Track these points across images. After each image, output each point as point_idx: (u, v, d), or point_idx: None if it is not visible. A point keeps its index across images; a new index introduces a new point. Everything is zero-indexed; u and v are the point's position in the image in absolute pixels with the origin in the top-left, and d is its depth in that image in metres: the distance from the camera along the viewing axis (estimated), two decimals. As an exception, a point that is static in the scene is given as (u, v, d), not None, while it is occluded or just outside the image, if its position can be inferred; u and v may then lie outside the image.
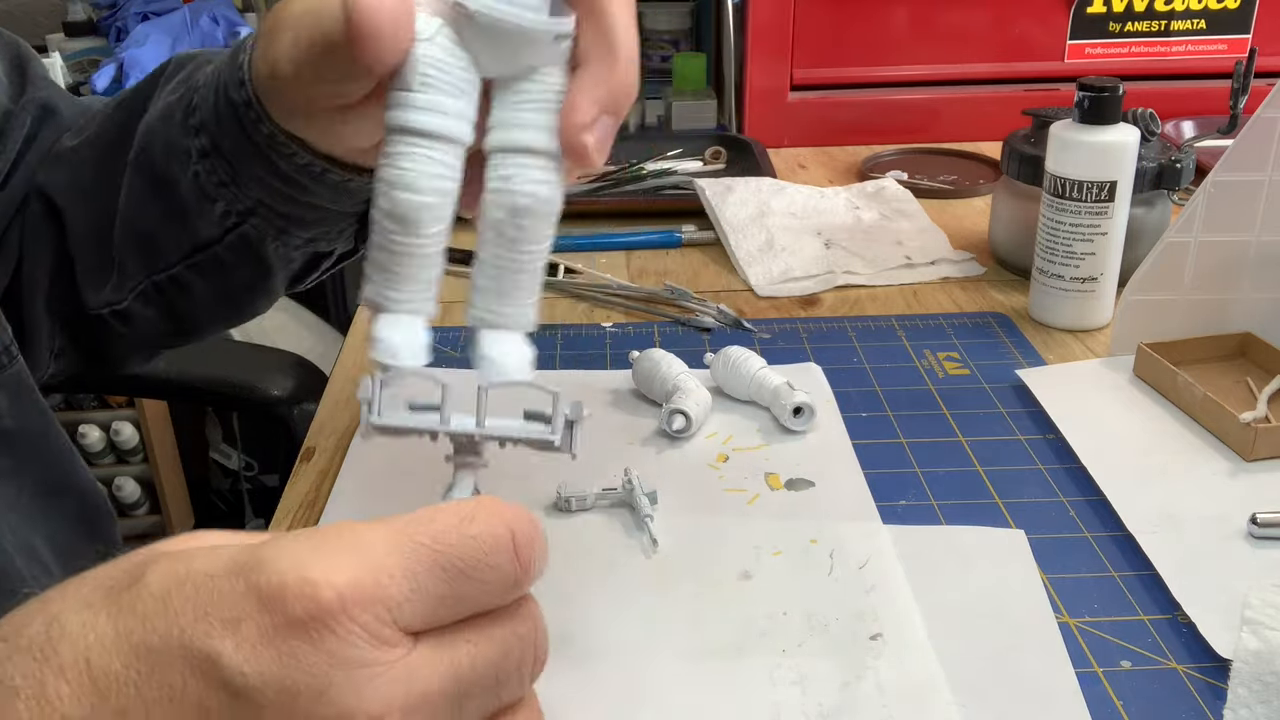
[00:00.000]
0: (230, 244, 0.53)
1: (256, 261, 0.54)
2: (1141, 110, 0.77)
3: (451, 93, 0.37)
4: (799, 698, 0.45)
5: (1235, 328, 0.70)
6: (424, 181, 0.37)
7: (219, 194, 0.51)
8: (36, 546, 0.51)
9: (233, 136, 0.49)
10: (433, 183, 0.37)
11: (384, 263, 0.38)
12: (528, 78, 0.38)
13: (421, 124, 0.37)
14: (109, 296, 0.57)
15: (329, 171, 0.49)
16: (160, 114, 0.53)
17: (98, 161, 0.56)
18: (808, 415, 0.64)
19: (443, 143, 0.37)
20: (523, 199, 0.38)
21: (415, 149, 0.37)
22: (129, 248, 0.55)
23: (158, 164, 0.52)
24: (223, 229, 0.53)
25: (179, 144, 0.51)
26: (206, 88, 0.50)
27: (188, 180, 0.51)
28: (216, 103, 0.49)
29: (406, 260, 0.38)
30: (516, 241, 0.38)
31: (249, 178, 0.50)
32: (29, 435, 0.52)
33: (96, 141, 0.56)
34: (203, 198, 0.52)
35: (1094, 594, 0.51)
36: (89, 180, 0.56)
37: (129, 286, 0.56)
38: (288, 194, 0.51)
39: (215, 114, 0.49)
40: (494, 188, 0.38)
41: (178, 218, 0.53)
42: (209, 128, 0.50)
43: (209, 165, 0.51)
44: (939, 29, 1.23)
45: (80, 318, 0.58)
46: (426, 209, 0.37)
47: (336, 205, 0.52)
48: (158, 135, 0.52)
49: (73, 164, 0.57)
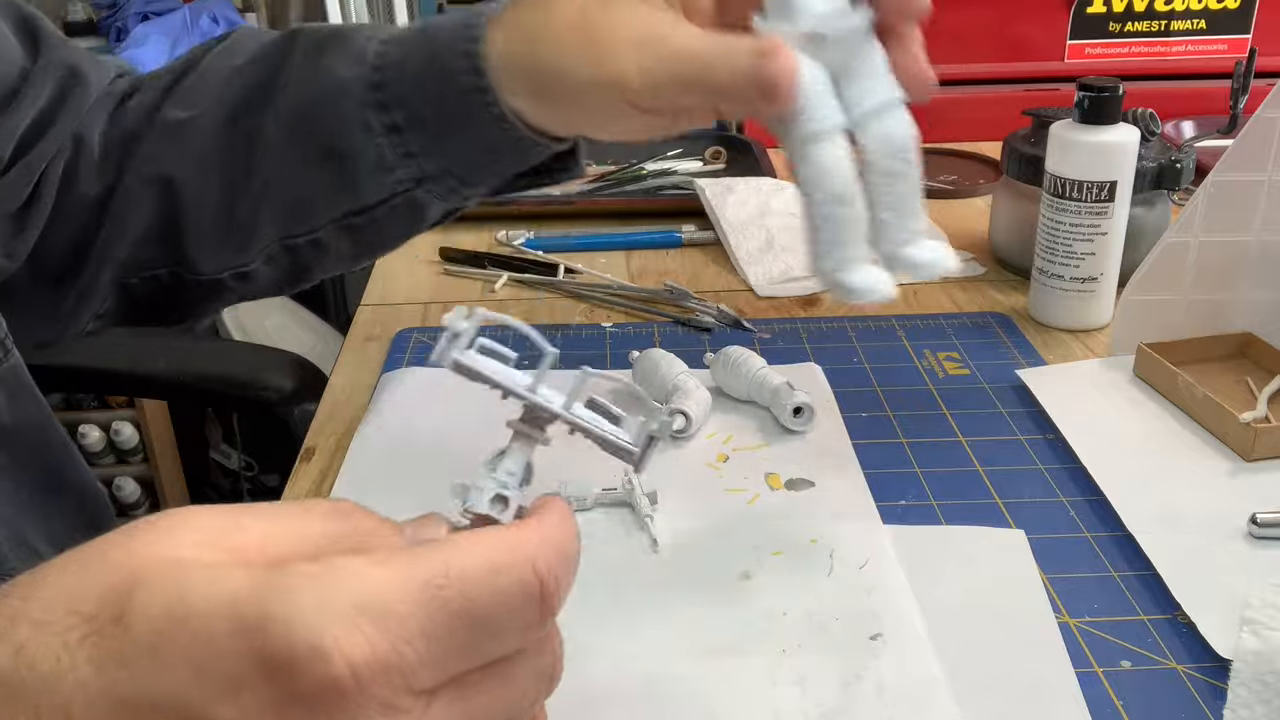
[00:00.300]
0: (393, 206, 0.57)
1: (413, 219, 0.58)
2: (1141, 110, 0.77)
3: (829, 96, 0.49)
4: (799, 698, 0.45)
5: (1235, 328, 0.70)
6: (844, 165, 0.49)
7: (400, 163, 0.55)
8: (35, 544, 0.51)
9: (440, 116, 0.53)
10: (846, 164, 0.49)
11: (834, 236, 0.49)
12: (856, 56, 0.50)
13: (826, 127, 0.49)
14: (232, 260, 0.59)
15: (539, 143, 0.54)
16: (328, 89, 0.56)
17: (223, 133, 0.58)
18: (808, 415, 0.64)
19: (840, 133, 0.49)
20: (899, 138, 0.49)
21: (829, 145, 0.49)
22: (270, 212, 0.58)
23: (327, 136, 0.56)
24: (390, 193, 0.56)
25: (356, 117, 0.55)
26: (400, 68, 0.54)
27: (367, 152, 0.55)
28: (421, 86, 0.53)
29: (851, 225, 0.49)
30: (905, 174, 0.50)
31: (443, 151, 0.55)
32: (27, 431, 0.52)
33: (218, 113, 0.58)
34: (380, 168, 0.55)
35: (1094, 594, 0.51)
36: (212, 151, 0.58)
37: (258, 249, 0.59)
38: (484, 163, 0.56)
39: (417, 95, 0.54)
40: (876, 143, 0.49)
41: (343, 185, 0.56)
42: (405, 106, 0.54)
43: (396, 139, 0.54)
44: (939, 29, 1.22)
45: (166, 283, 0.61)
46: (852, 182, 0.49)
47: (513, 168, 0.57)
48: (327, 108, 0.55)
49: (191, 136, 0.58)
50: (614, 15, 0.49)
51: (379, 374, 0.72)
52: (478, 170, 0.56)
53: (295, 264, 0.60)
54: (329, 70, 0.56)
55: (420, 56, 0.54)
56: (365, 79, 0.55)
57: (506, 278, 0.87)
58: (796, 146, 0.49)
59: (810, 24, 0.49)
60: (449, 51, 0.52)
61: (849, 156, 0.49)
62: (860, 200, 0.49)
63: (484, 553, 0.28)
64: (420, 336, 0.76)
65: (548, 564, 0.29)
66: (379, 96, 0.54)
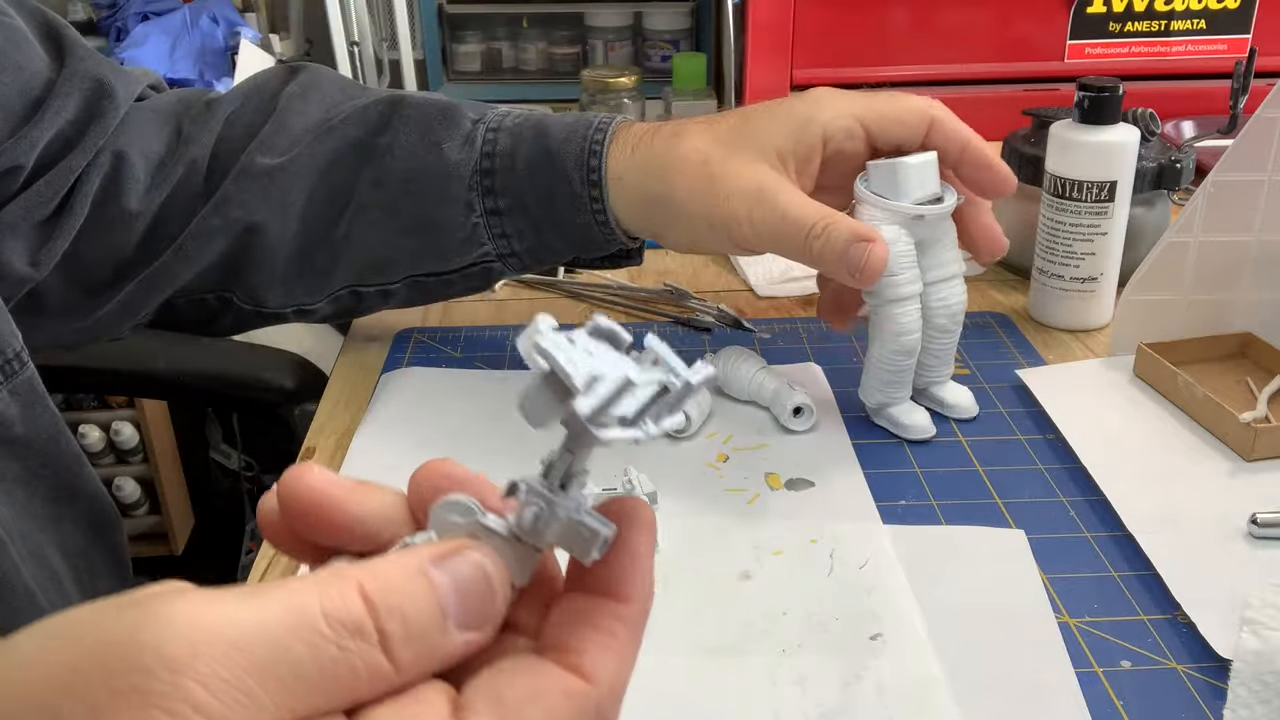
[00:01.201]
0: (470, 272, 0.62)
1: (483, 283, 0.64)
2: (1141, 110, 0.77)
3: (914, 266, 0.60)
4: (799, 698, 0.45)
5: (1235, 328, 0.70)
6: (917, 326, 0.61)
7: (493, 241, 0.60)
8: (47, 553, 0.51)
9: (552, 211, 0.60)
10: (919, 325, 0.61)
11: (891, 380, 0.62)
12: (938, 230, 0.61)
13: (910, 293, 0.60)
14: (301, 299, 0.64)
15: (625, 242, 0.62)
16: (432, 167, 0.60)
17: (312, 186, 0.62)
18: (808, 415, 0.64)
19: (916, 300, 0.60)
20: (956, 305, 0.63)
21: (910, 307, 0.60)
22: (351, 265, 0.62)
23: (426, 208, 0.61)
24: (472, 263, 0.61)
25: (461, 198, 0.60)
26: (508, 158, 0.60)
27: (463, 228, 0.60)
28: (536, 179, 0.59)
29: (906, 374, 0.63)
30: (953, 332, 0.63)
31: (542, 237, 0.61)
32: (40, 442, 0.52)
33: (313, 167, 0.62)
34: (470, 243, 0.60)
35: (1094, 594, 0.51)
36: (299, 201, 0.61)
37: (327, 292, 0.63)
38: (568, 250, 0.62)
39: (531, 187, 0.59)
40: (938, 305, 0.62)
41: (431, 252, 0.61)
42: (511, 193, 0.60)
43: (494, 220, 0.60)
44: (939, 29, 1.23)
45: (221, 309, 0.64)
46: (919, 341, 0.61)
47: (592, 254, 0.64)
48: (431, 184, 0.60)
49: (281, 186, 0.61)
50: (735, 164, 0.56)
51: (379, 374, 0.72)
52: (560, 255, 0.63)
53: (358, 307, 0.65)
54: (436, 149, 0.60)
55: (534, 153, 0.59)
56: (475, 165, 0.60)
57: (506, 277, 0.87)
58: (881, 304, 0.60)
59: (914, 206, 0.59)
60: (569, 158, 0.58)
61: (920, 318, 0.61)
62: (917, 353, 0.62)
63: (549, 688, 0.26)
64: (420, 336, 0.76)
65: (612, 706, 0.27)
66: (486, 183, 0.60)
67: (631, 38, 1.58)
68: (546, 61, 1.65)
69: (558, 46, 1.64)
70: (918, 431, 0.63)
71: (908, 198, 0.59)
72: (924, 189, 0.60)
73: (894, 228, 0.59)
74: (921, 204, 0.60)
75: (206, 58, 1.55)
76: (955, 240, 0.62)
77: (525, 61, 1.65)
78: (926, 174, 0.60)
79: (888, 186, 0.59)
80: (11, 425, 0.50)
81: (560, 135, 0.60)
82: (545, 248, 0.62)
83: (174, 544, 1.67)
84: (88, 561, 0.54)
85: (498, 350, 0.73)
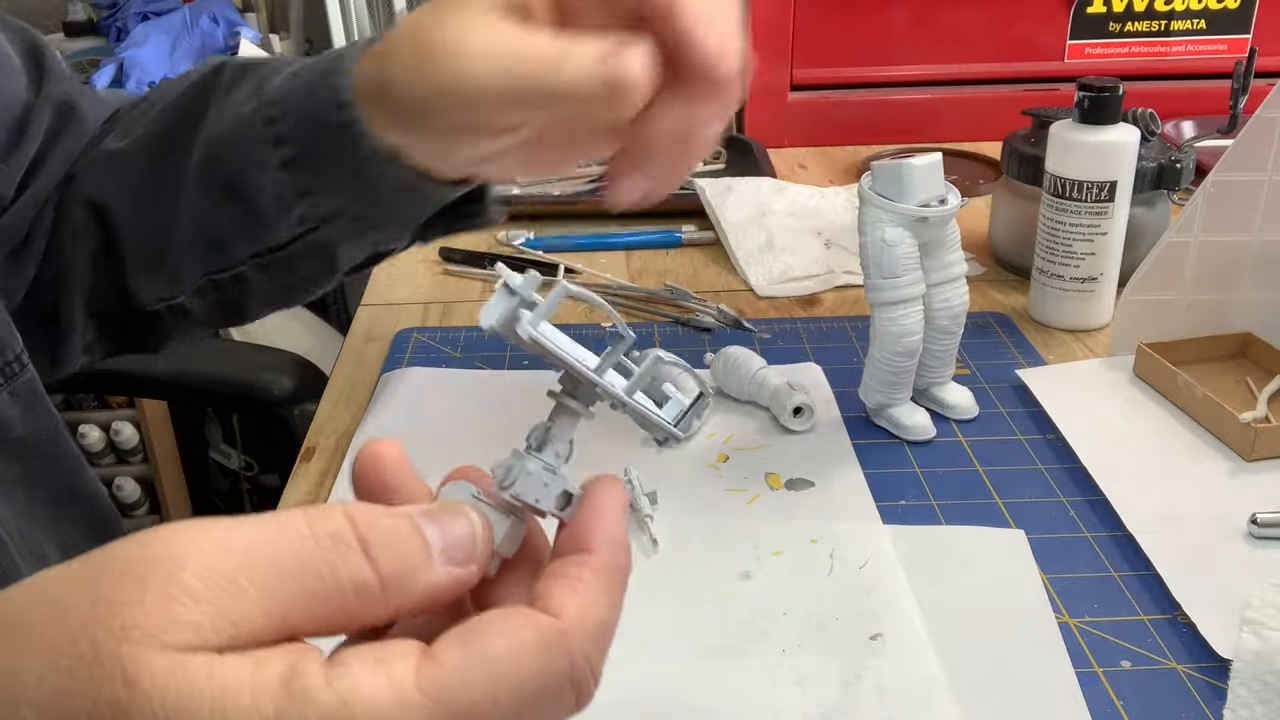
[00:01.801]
0: (301, 246, 0.55)
1: (325, 261, 0.56)
2: (1141, 110, 0.77)
3: (918, 267, 0.60)
4: (799, 698, 0.45)
5: (1235, 328, 0.70)
6: (917, 327, 0.61)
7: (298, 202, 0.52)
8: (46, 552, 0.51)
9: (324, 151, 0.50)
10: (921, 327, 0.61)
11: (892, 380, 0.63)
12: (942, 232, 0.61)
13: (914, 294, 0.60)
14: (164, 292, 0.58)
15: (420, 185, 0.50)
16: (231, 124, 0.54)
17: (150, 165, 0.57)
18: (808, 415, 0.64)
19: (919, 302, 0.61)
20: (958, 307, 0.63)
21: (913, 308, 0.61)
22: (191, 248, 0.56)
23: (230, 172, 0.54)
24: (295, 233, 0.54)
25: (255, 154, 0.52)
26: (288, 101, 0.51)
27: (266, 189, 0.53)
28: (305, 119, 0.50)
29: (907, 374, 0.63)
30: (954, 333, 0.64)
31: (335, 188, 0.52)
32: (40, 443, 0.52)
33: (146, 145, 0.57)
34: (280, 206, 0.53)
35: (1094, 594, 0.51)
36: (141, 183, 0.57)
37: (187, 283, 0.57)
38: (371, 203, 0.52)
39: (303, 128, 0.50)
40: (940, 305, 0.63)
41: (250, 223, 0.54)
42: (294, 140, 0.51)
43: (291, 175, 0.52)
44: (939, 29, 1.23)
45: (123, 312, 0.59)
46: (920, 342, 0.61)
47: (414, 212, 0.54)
48: (230, 145, 0.53)
49: (122, 167, 0.57)
50: (446, 22, 0.43)
51: (379, 374, 0.72)
52: (375, 210, 0.53)
53: (224, 300, 0.58)
54: (234, 105, 0.54)
55: (302, 90, 0.51)
56: (262, 114, 0.52)
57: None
58: (885, 305, 0.61)
59: (918, 208, 0.59)
60: (322, 85, 0.50)
61: (922, 320, 0.61)
62: (918, 355, 0.62)
63: (520, 676, 0.26)
64: (420, 336, 0.76)
65: (585, 656, 0.28)
66: (273, 131, 0.52)
67: (631, 38, 1.58)
68: (546, 61, 1.65)
69: (558, 46, 1.64)
70: (918, 432, 0.63)
71: (912, 199, 0.59)
72: (928, 190, 0.60)
73: (898, 229, 0.59)
74: (925, 205, 0.60)
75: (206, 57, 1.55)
76: (959, 242, 0.62)
77: (525, 61, 1.65)
78: (931, 175, 0.60)
79: (892, 187, 0.59)
80: (12, 427, 0.50)
81: (321, 65, 0.51)
82: (356, 204, 0.52)
83: (174, 544, 1.67)
84: None
85: (498, 350, 0.73)
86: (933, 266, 0.62)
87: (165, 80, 0.60)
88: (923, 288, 0.61)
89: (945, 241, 0.62)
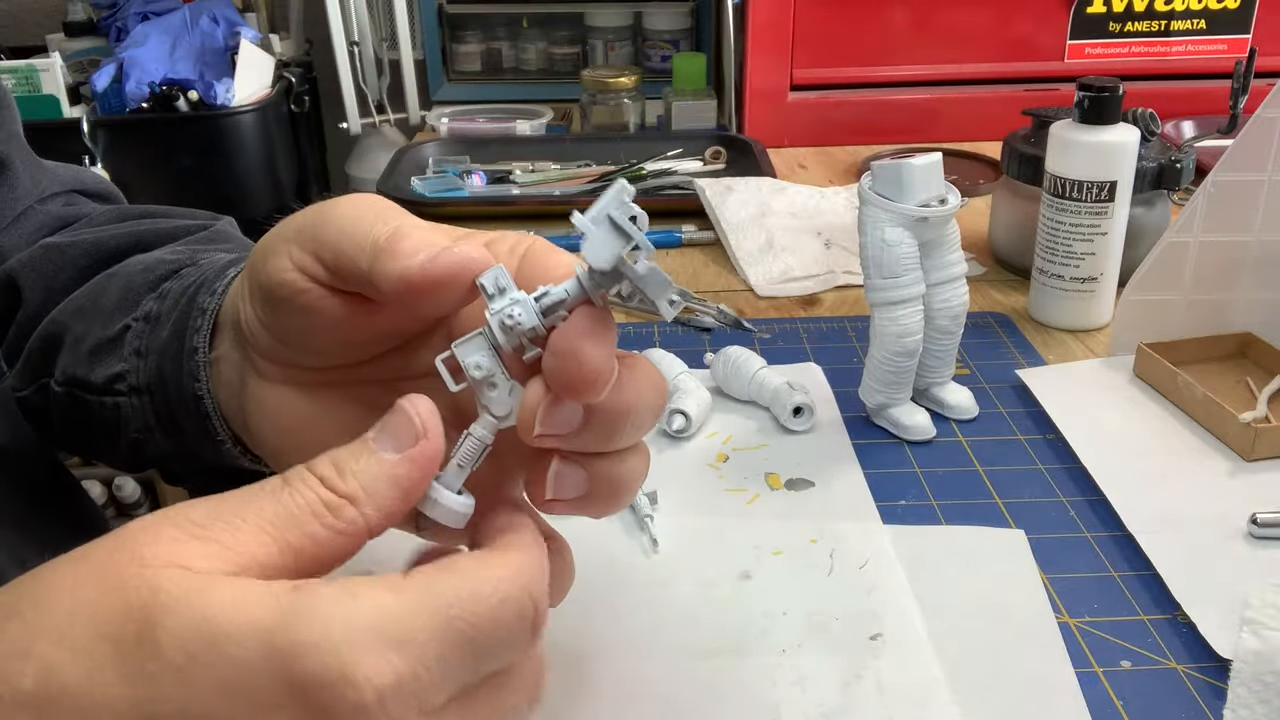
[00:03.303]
0: (105, 404, 0.50)
1: (111, 437, 0.50)
2: (1141, 110, 0.77)
3: (918, 268, 0.60)
4: (799, 698, 0.45)
5: (1235, 328, 0.70)
6: (917, 327, 0.61)
7: (129, 357, 0.49)
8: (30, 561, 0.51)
9: (170, 393, 0.47)
10: (921, 327, 0.61)
11: (892, 380, 0.62)
12: (942, 232, 0.61)
13: (914, 294, 0.60)
14: (13, 381, 0.54)
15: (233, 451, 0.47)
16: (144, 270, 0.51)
17: (82, 270, 0.54)
18: (808, 415, 0.64)
19: (919, 302, 0.61)
20: (958, 307, 0.63)
21: (912, 308, 0.61)
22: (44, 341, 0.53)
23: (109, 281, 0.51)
24: (106, 382, 0.49)
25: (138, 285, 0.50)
26: (172, 306, 0.47)
27: (117, 319, 0.50)
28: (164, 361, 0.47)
29: (907, 374, 0.63)
30: (954, 333, 0.64)
31: (161, 375, 0.47)
32: (21, 450, 0.52)
33: (90, 252, 0.55)
34: (114, 346, 0.49)
35: (1094, 594, 0.51)
36: (65, 281, 0.54)
37: (30, 375, 0.53)
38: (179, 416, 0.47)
39: (159, 372, 0.47)
40: (941, 305, 0.62)
41: (87, 339, 0.50)
42: (166, 306, 0.48)
43: (142, 329, 0.48)
44: (939, 29, 1.23)
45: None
46: (920, 342, 0.62)
47: (200, 440, 0.48)
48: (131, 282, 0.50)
49: (57, 263, 0.55)
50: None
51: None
52: (174, 416, 0.47)
53: (54, 414, 0.53)
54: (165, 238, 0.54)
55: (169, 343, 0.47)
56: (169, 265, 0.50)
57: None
58: (885, 305, 0.61)
59: (918, 208, 0.59)
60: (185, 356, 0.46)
61: (922, 320, 0.61)
62: (918, 355, 0.62)
63: (493, 585, 0.29)
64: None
65: (541, 590, 0.31)
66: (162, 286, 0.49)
67: (631, 38, 1.58)
68: (546, 61, 1.65)
69: (558, 46, 1.64)
70: (918, 432, 0.63)
71: (912, 199, 0.59)
72: (928, 190, 0.60)
73: (898, 229, 0.60)
74: (925, 205, 0.60)
75: (206, 58, 1.54)
76: (959, 241, 0.62)
77: (525, 61, 1.65)
78: (931, 175, 0.60)
79: (892, 187, 0.59)
80: None
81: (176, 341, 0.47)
82: (161, 392, 0.47)
83: (174, 544, 1.67)
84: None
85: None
86: (933, 266, 0.62)
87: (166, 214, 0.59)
88: (922, 288, 0.61)
89: (945, 241, 0.62)
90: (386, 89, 1.65)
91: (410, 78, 1.57)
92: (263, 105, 1.53)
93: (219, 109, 1.48)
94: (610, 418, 0.34)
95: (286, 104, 1.61)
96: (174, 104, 1.46)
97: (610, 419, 0.34)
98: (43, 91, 1.46)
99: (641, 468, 0.37)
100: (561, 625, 0.49)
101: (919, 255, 0.61)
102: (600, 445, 0.35)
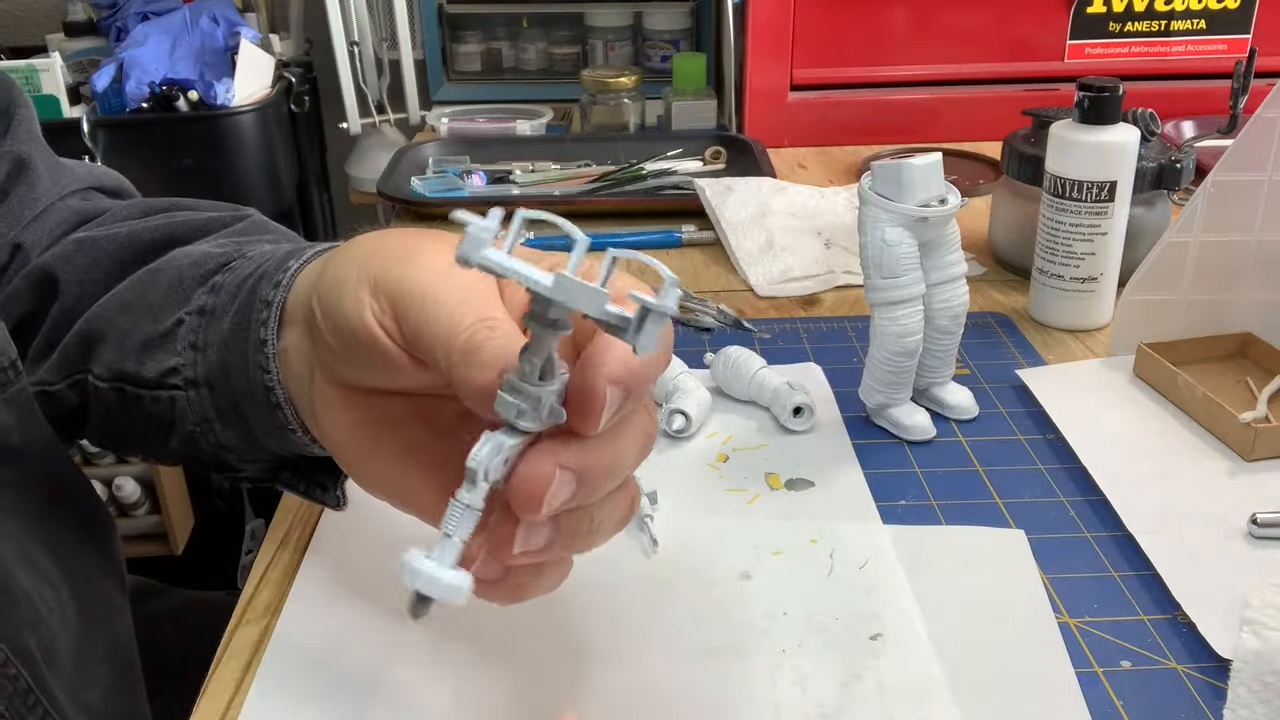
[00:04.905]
0: (159, 398, 0.50)
1: (166, 429, 0.50)
2: (1141, 110, 0.77)
3: (918, 268, 0.60)
4: (799, 698, 0.45)
5: (1235, 328, 0.70)
6: (917, 327, 0.61)
7: (184, 350, 0.49)
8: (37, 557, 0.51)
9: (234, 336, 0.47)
10: (921, 327, 0.61)
11: (892, 380, 0.63)
12: (942, 232, 0.61)
13: (914, 294, 0.61)
14: (44, 375, 0.54)
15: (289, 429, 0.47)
16: (192, 264, 0.51)
17: (119, 264, 0.55)
18: (808, 415, 0.64)
19: (919, 302, 0.61)
20: (959, 307, 0.63)
21: (913, 308, 0.61)
22: (84, 337, 0.53)
23: (151, 276, 0.52)
24: (160, 376, 0.49)
25: (186, 282, 0.50)
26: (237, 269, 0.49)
27: (168, 316, 0.50)
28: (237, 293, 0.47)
29: (907, 374, 0.63)
30: (954, 333, 0.64)
31: (224, 364, 0.48)
32: (35, 449, 0.52)
33: (126, 245, 0.55)
34: (167, 342, 0.49)
35: (1094, 594, 0.51)
36: (102, 275, 0.55)
37: (65, 371, 0.54)
38: (242, 402, 0.48)
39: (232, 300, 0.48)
40: (941, 305, 0.63)
41: (135, 336, 0.51)
42: (225, 293, 0.48)
43: (197, 322, 0.49)
44: (939, 29, 1.23)
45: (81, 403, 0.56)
46: (920, 342, 0.62)
47: (272, 438, 0.48)
48: (179, 276, 0.51)
49: (92, 257, 0.55)
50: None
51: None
52: (234, 412, 0.48)
53: (89, 410, 0.54)
54: (201, 234, 0.55)
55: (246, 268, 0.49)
56: (215, 262, 0.51)
57: (506, 278, 0.87)
58: (885, 305, 0.61)
59: (918, 208, 0.59)
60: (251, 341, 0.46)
61: (922, 320, 0.61)
62: (918, 355, 0.62)
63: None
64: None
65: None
66: (214, 280, 0.50)
67: (631, 38, 1.58)
68: (546, 61, 1.65)
69: (558, 46, 1.64)
70: (918, 432, 0.63)
71: (913, 199, 0.59)
72: (928, 190, 0.60)
73: (898, 229, 0.60)
74: (925, 205, 0.60)
75: (206, 58, 1.54)
76: (959, 241, 0.62)
77: (525, 61, 1.65)
78: (931, 175, 0.60)
79: (892, 187, 0.59)
80: (9, 434, 0.50)
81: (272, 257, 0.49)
82: (223, 384, 0.47)
83: (174, 544, 1.67)
84: (80, 562, 0.54)
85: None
86: (933, 266, 0.62)
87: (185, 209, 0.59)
88: (922, 288, 0.61)
89: (945, 241, 0.62)
90: (386, 89, 1.65)
91: (410, 78, 1.56)
92: (263, 105, 1.53)
93: (219, 109, 1.48)
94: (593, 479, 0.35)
95: (286, 104, 1.61)
96: (174, 104, 1.46)
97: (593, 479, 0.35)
98: (43, 91, 1.46)
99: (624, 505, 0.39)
100: (561, 625, 0.49)
101: (919, 255, 0.60)
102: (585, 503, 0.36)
